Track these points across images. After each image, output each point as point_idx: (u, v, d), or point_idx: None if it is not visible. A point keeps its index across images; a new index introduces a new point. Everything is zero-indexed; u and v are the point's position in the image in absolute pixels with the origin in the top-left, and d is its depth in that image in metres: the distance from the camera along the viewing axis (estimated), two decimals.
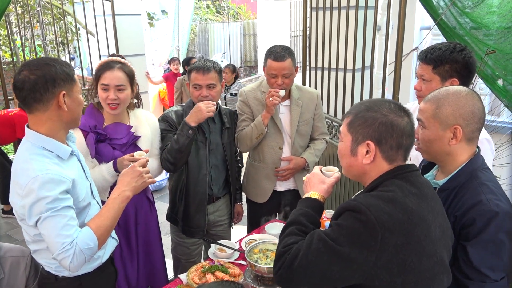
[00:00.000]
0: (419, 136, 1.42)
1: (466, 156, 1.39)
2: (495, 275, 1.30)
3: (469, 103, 1.34)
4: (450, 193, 1.39)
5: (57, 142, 1.52)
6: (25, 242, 1.62)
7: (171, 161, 2.20)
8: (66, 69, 1.50)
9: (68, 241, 1.41)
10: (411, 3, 3.86)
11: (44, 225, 1.41)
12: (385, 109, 1.21)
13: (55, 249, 1.41)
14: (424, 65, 1.83)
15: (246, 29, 15.85)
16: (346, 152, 1.28)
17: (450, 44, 1.80)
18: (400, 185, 1.18)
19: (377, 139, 1.20)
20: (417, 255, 1.11)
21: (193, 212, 2.40)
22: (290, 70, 2.37)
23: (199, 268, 1.94)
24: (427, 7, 2.74)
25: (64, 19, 5.54)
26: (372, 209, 1.10)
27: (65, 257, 1.41)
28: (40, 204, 1.39)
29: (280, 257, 1.20)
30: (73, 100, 1.53)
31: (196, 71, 2.26)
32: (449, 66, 1.76)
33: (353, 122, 1.25)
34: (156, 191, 5.18)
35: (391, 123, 1.19)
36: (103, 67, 2.01)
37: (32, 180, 1.39)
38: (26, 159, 1.45)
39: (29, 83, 1.44)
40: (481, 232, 1.28)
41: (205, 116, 2.18)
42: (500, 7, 2.46)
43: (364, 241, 1.09)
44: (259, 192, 2.63)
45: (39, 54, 6.86)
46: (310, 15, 3.77)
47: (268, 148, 2.53)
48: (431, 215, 1.18)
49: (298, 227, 1.27)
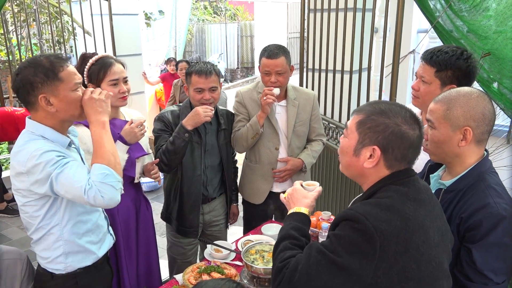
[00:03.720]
0: (428, 136, 1.42)
1: (474, 158, 1.38)
2: (498, 278, 1.30)
3: (480, 105, 1.33)
4: (456, 194, 1.38)
5: (56, 132, 1.57)
6: (19, 242, 1.62)
7: (166, 162, 2.22)
8: (43, 70, 1.49)
9: (84, 183, 1.43)
10: (409, 6, 3.88)
11: (58, 182, 1.45)
12: (400, 118, 1.18)
13: (80, 196, 1.44)
14: (427, 66, 1.79)
15: (243, 30, 15.85)
16: (349, 150, 1.25)
17: (457, 50, 1.76)
18: (398, 191, 1.17)
19: (384, 147, 1.18)
20: (416, 262, 1.11)
21: (187, 212, 2.40)
22: (284, 67, 2.37)
23: (195, 268, 1.93)
24: (424, 10, 2.75)
25: (61, 18, 5.51)
26: (369, 218, 1.09)
27: (93, 196, 1.43)
28: (45, 169, 1.44)
29: (279, 272, 1.18)
30: (61, 99, 1.53)
31: (198, 75, 2.26)
32: (452, 72, 1.73)
33: (364, 122, 1.21)
34: (151, 191, 5.17)
35: (402, 135, 1.17)
36: (106, 65, 2.01)
37: (31, 154, 1.46)
38: (24, 143, 1.51)
39: (15, 87, 1.53)
40: (487, 235, 1.28)
41: (202, 121, 2.20)
42: (497, 11, 2.47)
43: (363, 251, 1.08)
44: (255, 193, 2.63)
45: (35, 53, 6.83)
46: (307, 16, 3.77)
47: (264, 149, 2.53)
48: (429, 219, 1.17)
49: (292, 241, 1.26)
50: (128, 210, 2.16)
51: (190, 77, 2.30)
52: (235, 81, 14.94)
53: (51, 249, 1.62)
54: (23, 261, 1.76)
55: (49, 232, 1.60)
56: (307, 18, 3.78)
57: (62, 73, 1.53)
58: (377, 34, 4.38)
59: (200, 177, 2.37)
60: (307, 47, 3.80)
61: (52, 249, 1.62)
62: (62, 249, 1.63)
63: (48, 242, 1.62)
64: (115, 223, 2.08)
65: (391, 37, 2.73)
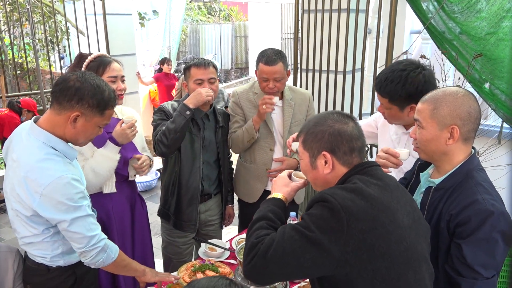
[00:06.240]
0: (417, 136, 1.45)
1: (462, 156, 1.42)
2: (487, 272, 1.33)
3: (465, 104, 1.36)
4: (445, 191, 1.42)
5: (65, 144, 1.57)
6: (11, 242, 1.62)
7: (165, 142, 2.18)
8: (100, 102, 1.53)
9: (98, 234, 1.57)
10: (402, 7, 3.91)
11: (74, 223, 1.51)
12: (330, 120, 1.31)
13: (85, 244, 1.54)
14: (380, 96, 1.83)
15: (238, 31, 15.86)
16: (308, 168, 1.36)
17: (403, 73, 1.73)
18: (362, 178, 1.25)
19: (330, 149, 1.29)
20: (384, 240, 1.15)
21: (185, 205, 2.39)
22: (282, 74, 2.38)
23: (189, 267, 1.94)
24: (416, 11, 2.78)
25: (54, 17, 5.49)
26: (336, 196, 1.18)
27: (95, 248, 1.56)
28: (67, 204, 1.48)
29: (253, 247, 1.23)
30: (85, 126, 1.56)
31: (197, 67, 2.29)
32: (404, 97, 1.75)
33: (306, 140, 1.35)
34: (145, 191, 5.16)
35: (338, 132, 1.29)
36: (105, 62, 2.02)
37: (56, 179, 1.46)
38: (41, 158, 1.49)
39: (65, 85, 1.50)
40: (476, 231, 1.31)
41: (203, 100, 2.20)
42: (489, 13, 2.50)
43: (332, 227, 1.15)
44: (249, 192, 2.64)
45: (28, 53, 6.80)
46: (301, 17, 3.79)
47: (259, 150, 2.54)
48: (396, 202, 1.23)
49: (268, 222, 1.33)
50: (123, 207, 2.16)
51: (189, 70, 2.32)
52: (229, 81, 14.94)
53: (49, 250, 1.61)
54: (14, 254, 1.74)
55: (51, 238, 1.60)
56: (301, 19, 3.80)
57: (108, 111, 1.58)
58: (370, 35, 4.41)
59: (199, 169, 2.36)
60: (301, 48, 3.82)
61: (51, 250, 1.62)
62: (61, 249, 1.63)
63: (45, 246, 1.61)
64: (110, 220, 2.08)
65: (384, 38, 2.76)
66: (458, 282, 1.35)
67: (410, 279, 1.20)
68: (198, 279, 1.15)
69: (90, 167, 1.92)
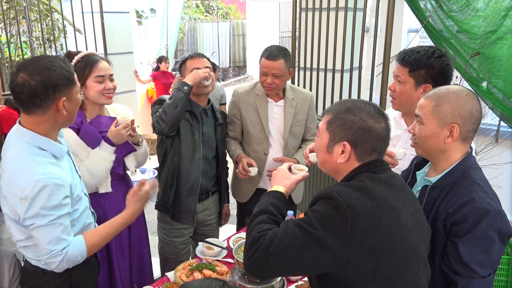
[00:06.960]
0: (416, 131, 1.45)
1: (459, 155, 1.41)
2: (484, 271, 1.33)
3: (468, 103, 1.36)
4: (442, 190, 1.41)
5: (52, 142, 1.52)
6: (6, 241, 1.60)
7: (164, 118, 2.14)
8: (66, 73, 1.47)
9: (59, 248, 1.48)
10: (400, 6, 3.90)
11: (38, 231, 1.45)
12: (365, 114, 1.25)
13: (44, 254, 1.48)
14: (400, 66, 1.84)
15: (235, 29, 15.85)
16: (322, 149, 1.31)
17: (430, 49, 1.79)
18: (369, 177, 1.23)
19: (353, 141, 1.24)
20: (387, 241, 1.15)
21: (184, 196, 2.37)
22: (282, 71, 2.36)
23: (186, 266, 1.94)
24: (414, 10, 2.78)
25: (51, 15, 5.47)
26: (343, 194, 1.15)
27: (53, 262, 1.49)
28: (39, 211, 1.42)
29: (255, 241, 1.21)
30: (72, 102, 1.52)
31: (192, 58, 2.32)
32: (425, 71, 1.77)
33: (333, 121, 1.28)
34: None
35: (369, 129, 1.23)
36: (92, 61, 1.99)
37: (33, 183, 1.40)
38: (24, 161, 1.45)
39: (29, 89, 1.41)
40: (473, 229, 1.31)
41: (201, 76, 2.21)
42: (487, 12, 2.50)
43: (336, 225, 1.13)
44: (241, 192, 2.66)
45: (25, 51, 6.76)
46: (299, 15, 3.79)
47: (254, 153, 2.53)
48: (401, 203, 1.22)
49: (269, 216, 1.30)
50: (119, 205, 2.14)
51: (184, 64, 2.34)
52: (227, 80, 14.93)
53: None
54: (10, 259, 1.73)
55: None
56: (299, 17, 3.79)
57: (74, 76, 1.53)
58: (368, 33, 4.41)
59: (199, 160, 2.35)
60: (299, 46, 3.82)
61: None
62: None
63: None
64: (107, 219, 2.07)
65: (382, 36, 2.75)
66: (454, 280, 1.35)
67: (408, 279, 1.20)
68: (191, 281, 1.15)
69: (86, 168, 1.91)
